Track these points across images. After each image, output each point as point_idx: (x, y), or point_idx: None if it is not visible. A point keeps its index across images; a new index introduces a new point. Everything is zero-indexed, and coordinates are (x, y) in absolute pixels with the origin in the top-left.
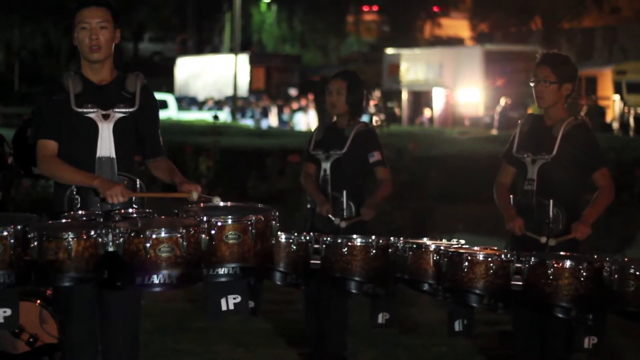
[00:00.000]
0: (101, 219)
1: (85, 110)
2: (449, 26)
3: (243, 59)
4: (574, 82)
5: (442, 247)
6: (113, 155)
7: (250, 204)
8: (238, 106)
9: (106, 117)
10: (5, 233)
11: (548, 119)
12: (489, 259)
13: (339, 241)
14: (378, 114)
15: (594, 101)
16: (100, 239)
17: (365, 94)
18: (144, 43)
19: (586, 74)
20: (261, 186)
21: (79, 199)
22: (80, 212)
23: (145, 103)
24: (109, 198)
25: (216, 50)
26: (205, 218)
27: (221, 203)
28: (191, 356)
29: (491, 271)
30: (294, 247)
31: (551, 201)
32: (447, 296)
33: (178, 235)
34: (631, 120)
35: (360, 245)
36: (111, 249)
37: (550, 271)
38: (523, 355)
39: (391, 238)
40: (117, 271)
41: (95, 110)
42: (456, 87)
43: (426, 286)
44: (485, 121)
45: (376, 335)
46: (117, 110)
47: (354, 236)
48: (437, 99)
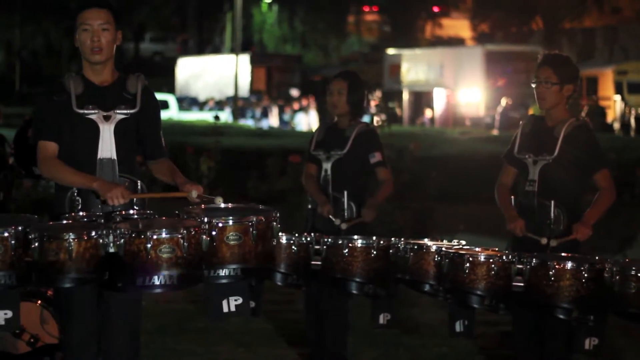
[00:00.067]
0: (102, 220)
1: (86, 111)
2: (450, 26)
3: (244, 59)
4: (576, 83)
5: (444, 248)
6: (114, 156)
7: (251, 205)
8: (238, 106)
9: (107, 119)
10: (6, 234)
11: (549, 120)
12: (491, 260)
13: (340, 242)
14: (379, 114)
15: (595, 101)
16: (101, 240)
17: (366, 94)
18: (145, 43)
19: (587, 74)
20: (262, 186)
21: (80, 200)
22: (81, 213)
23: (146, 104)
24: (109, 200)
25: (217, 50)
26: (206, 219)
27: (222, 204)
28: (192, 356)
29: (492, 272)
30: (295, 248)
31: (552, 202)
32: (448, 297)
33: (179, 236)
34: (632, 120)
35: (361, 246)
36: (112, 250)
37: (551, 272)
38: (523, 355)
39: (392, 239)
40: (118, 272)
41: (96, 111)
42: (457, 88)
43: (427, 287)
44: (486, 121)
45: (377, 335)
46: (118, 111)
47: (355, 237)
48: (438, 99)
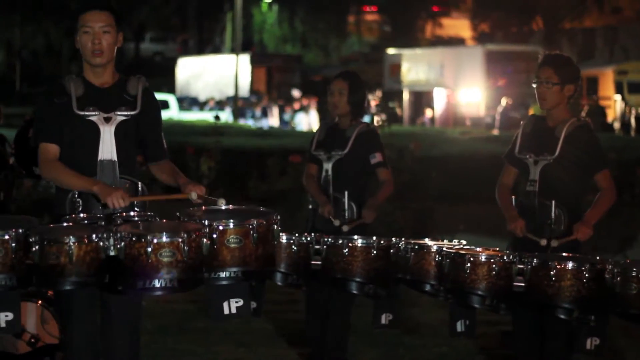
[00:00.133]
0: (103, 222)
1: (87, 113)
2: (450, 26)
3: (244, 59)
4: (577, 83)
5: (444, 248)
6: (115, 158)
7: (251, 207)
8: (238, 106)
9: (108, 120)
10: (6, 237)
11: (550, 120)
12: (492, 260)
13: (340, 242)
14: (379, 114)
15: (595, 101)
16: (101, 243)
17: (366, 94)
18: (145, 43)
19: (587, 74)
20: (262, 186)
21: (81, 202)
22: (81, 215)
23: (146, 106)
24: (110, 203)
25: (217, 50)
26: (206, 222)
27: (224, 206)
28: (192, 356)
29: (493, 272)
30: (295, 248)
31: (553, 202)
32: (449, 297)
33: (179, 239)
34: (632, 120)
35: (361, 246)
36: (112, 253)
37: (552, 272)
38: (523, 355)
39: (392, 239)
40: (119, 275)
41: (97, 113)
42: (457, 87)
43: (428, 287)
44: (486, 121)
45: (378, 335)
46: (119, 113)
47: (355, 237)
48: (439, 99)
